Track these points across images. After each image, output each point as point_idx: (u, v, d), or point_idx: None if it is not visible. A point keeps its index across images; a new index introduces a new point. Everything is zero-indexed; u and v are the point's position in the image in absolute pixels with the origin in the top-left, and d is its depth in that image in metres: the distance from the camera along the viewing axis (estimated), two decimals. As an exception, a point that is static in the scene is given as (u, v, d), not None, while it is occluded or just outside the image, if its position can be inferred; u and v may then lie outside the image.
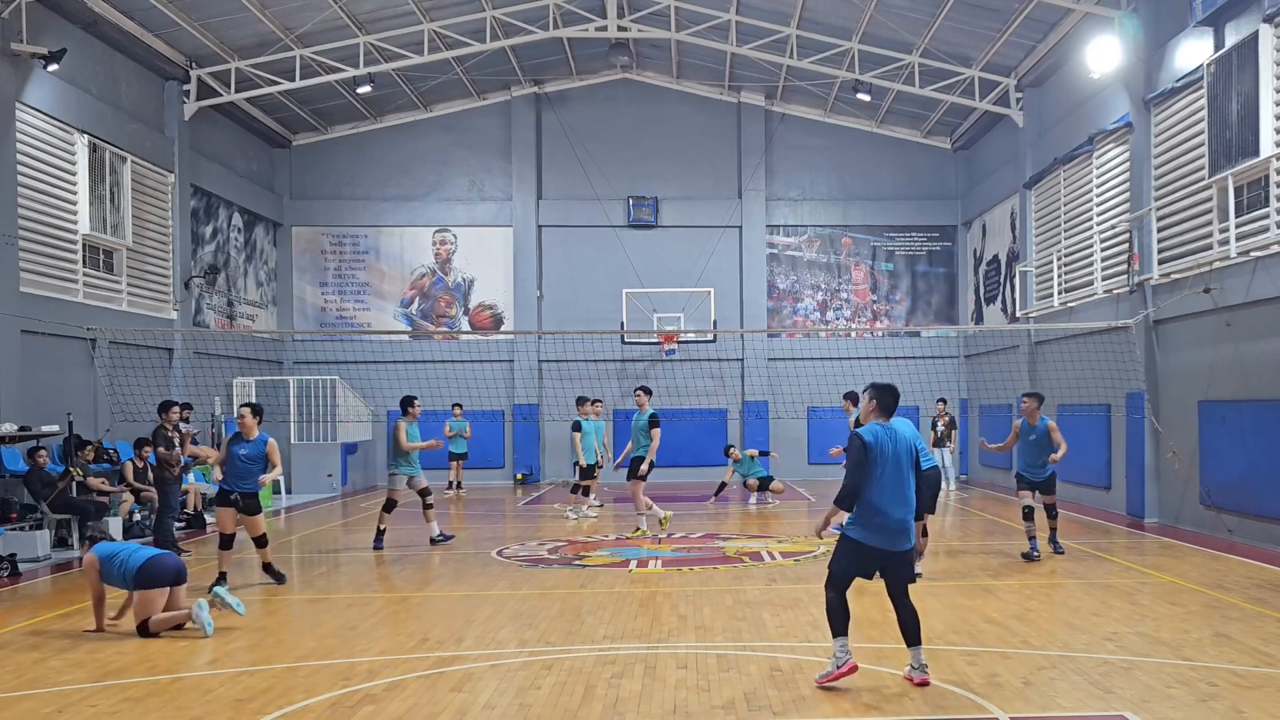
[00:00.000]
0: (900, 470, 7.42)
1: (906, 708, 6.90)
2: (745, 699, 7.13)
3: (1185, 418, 16.15)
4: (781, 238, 28.21)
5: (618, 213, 27.79)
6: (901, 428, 7.58)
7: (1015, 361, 23.05)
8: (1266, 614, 9.70)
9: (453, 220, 28.01)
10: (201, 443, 20.81)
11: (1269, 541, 13.77)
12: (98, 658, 8.65)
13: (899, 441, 7.48)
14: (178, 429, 14.85)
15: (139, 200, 20.11)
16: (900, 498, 7.41)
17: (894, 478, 7.39)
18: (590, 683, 7.61)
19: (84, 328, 17.98)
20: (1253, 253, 14.07)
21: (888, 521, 7.35)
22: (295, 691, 7.48)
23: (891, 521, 7.36)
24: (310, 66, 22.57)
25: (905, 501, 7.43)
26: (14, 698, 7.51)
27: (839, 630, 7.39)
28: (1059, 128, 21.10)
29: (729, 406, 27.08)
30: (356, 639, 9.28)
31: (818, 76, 25.02)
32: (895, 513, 7.37)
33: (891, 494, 7.37)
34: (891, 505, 7.36)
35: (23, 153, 16.72)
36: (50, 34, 17.13)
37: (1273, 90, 13.61)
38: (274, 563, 12.25)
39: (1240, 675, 7.58)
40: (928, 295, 28.29)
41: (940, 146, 28.09)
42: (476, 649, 8.66)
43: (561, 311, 27.53)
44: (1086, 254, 19.68)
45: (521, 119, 27.83)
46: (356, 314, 27.84)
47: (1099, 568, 12.61)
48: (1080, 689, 7.30)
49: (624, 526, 17.15)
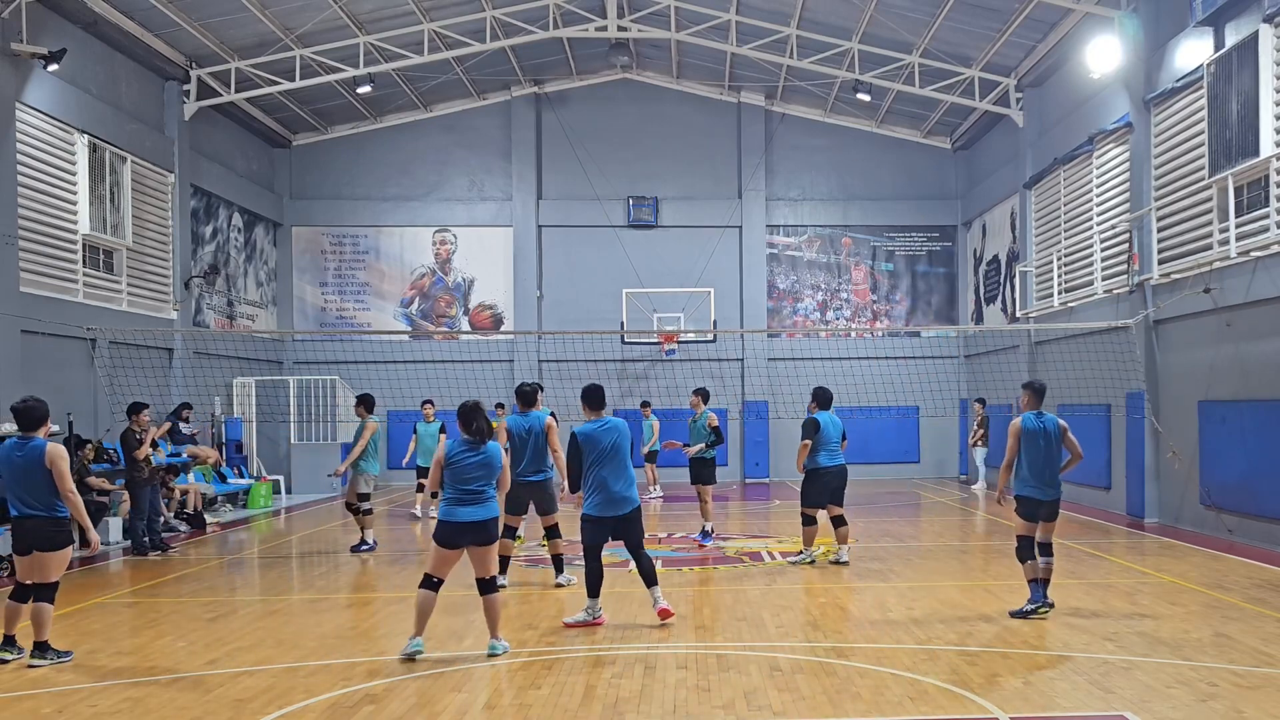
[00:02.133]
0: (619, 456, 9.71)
1: (907, 708, 6.90)
2: (745, 699, 7.13)
3: (1185, 418, 16.15)
4: (781, 238, 28.21)
5: (618, 213, 27.79)
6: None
7: (1015, 361, 23.05)
8: (1266, 614, 9.70)
9: (453, 220, 28.01)
10: (202, 443, 20.84)
11: (1269, 541, 13.77)
12: (98, 658, 8.65)
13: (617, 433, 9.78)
14: (147, 431, 14.89)
15: (139, 200, 20.11)
16: (617, 477, 9.63)
17: (613, 461, 9.63)
18: (590, 683, 7.61)
19: (84, 328, 17.98)
20: (1253, 253, 14.07)
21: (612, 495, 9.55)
22: (295, 691, 7.48)
23: (615, 494, 9.56)
24: (310, 66, 22.57)
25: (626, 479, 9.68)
26: (14, 698, 7.51)
27: (595, 592, 9.58)
28: (1059, 128, 21.10)
29: (729, 406, 27.08)
30: (356, 639, 9.28)
31: (818, 76, 25.03)
32: (616, 486, 9.58)
33: (612, 472, 9.59)
34: (614, 481, 9.59)
35: (23, 153, 16.72)
36: (50, 34, 17.12)
37: (1273, 90, 13.61)
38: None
39: (1240, 675, 7.59)
40: (928, 295, 28.29)
41: (940, 146, 28.09)
42: (476, 649, 8.66)
43: (561, 311, 27.53)
44: (1086, 254, 19.68)
45: (521, 119, 27.83)
46: (356, 314, 27.84)
47: (1099, 568, 12.61)
48: (1080, 689, 7.31)
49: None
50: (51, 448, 8.47)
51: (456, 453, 8.45)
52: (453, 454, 8.45)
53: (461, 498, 8.40)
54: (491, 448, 8.55)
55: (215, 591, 12.00)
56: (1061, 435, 9.97)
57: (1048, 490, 9.83)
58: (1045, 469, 9.84)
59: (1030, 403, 10.06)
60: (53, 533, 8.46)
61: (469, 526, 8.38)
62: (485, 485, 8.46)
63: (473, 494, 8.41)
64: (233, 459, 22.47)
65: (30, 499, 8.44)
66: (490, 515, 8.48)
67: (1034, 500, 9.84)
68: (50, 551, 8.46)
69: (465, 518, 8.37)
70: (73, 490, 8.51)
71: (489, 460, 8.48)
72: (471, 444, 8.49)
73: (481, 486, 8.43)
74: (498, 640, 8.56)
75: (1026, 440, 9.84)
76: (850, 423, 22.16)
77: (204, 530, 17.64)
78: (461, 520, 8.37)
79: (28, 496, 8.45)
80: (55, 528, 8.48)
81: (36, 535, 8.43)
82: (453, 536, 8.40)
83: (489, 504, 8.49)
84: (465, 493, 8.40)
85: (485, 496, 8.47)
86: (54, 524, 8.48)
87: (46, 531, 8.45)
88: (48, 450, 8.44)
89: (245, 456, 23.36)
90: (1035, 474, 9.82)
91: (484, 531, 8.45)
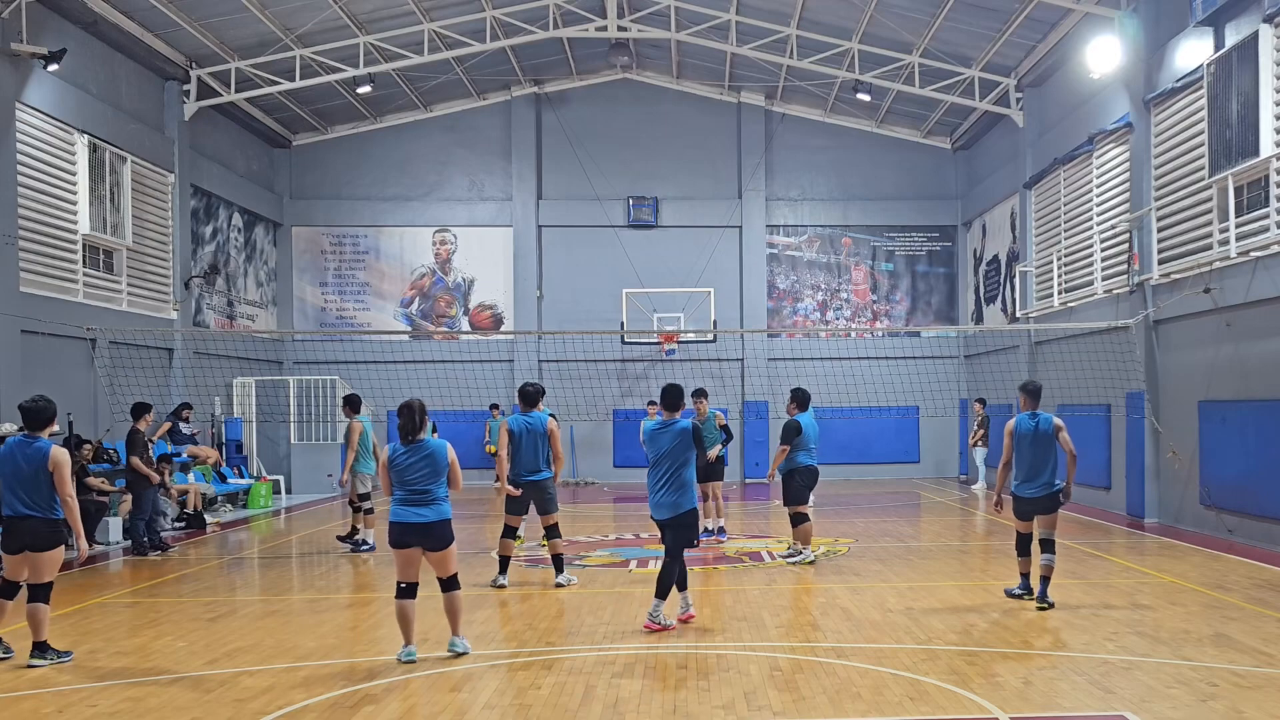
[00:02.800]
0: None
1: (907, 708, 6.91)
2: (745, 699, 7.13)
3: (1185, 418, 16.15)
4: (781, 238, 28.21)
5: (618, 213, 27.79)
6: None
7: (1015, 361, 23.05)
8: (1266, 614, 9.70)
9: (453, 220, 28.01)
10: (202, 443, 20.84)
11: (1269, 541, 13.77)
12: (98, 658, 8.65)
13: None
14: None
15: (139, 200, 20.11)
16: (666, 481, 9.48)
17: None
18: (590, 683, 7.61)
19: (84, 328, 17.98)
20: (1253, 253, 14.07)
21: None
22: (295, 691, 7.48)
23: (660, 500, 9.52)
24: (310, 66, 22.57)
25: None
26: (14, 698, 7.52)
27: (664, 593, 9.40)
28: (1059, 128, 21.10)
29: (729, 406, 27.08)
30: (356, 639, 9.28)
31: (818, 76, 25.02)
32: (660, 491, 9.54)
33: (662, 475, 9.50)
34: (660, 486, 9.53)
35: (23, 153, 16.72)
36: (50, 34, 17.13)
37: (1273, 90, 13.61)
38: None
39: (1240, 675, 7.59)
40: (928, 295, 28.29)
41: (940, 146, 28.09)
42: (476, 649, 8.66)
43: (561, 311, 27.52)
44: (1086, 254, 19.68)
45: (521, 119, 27.83)
46: (356, 314, 27.83)
47: (1099, 568, 12.61)
48: (1080, 689, 7.31)
49: (624, 528, 17.13)
50: (55, 451, 8.49)
51: (395, 454, 8.42)
52: (393, 455, 8.43)
53: (406, 498, 8.36)
54: (434, 446, 8.40)
55: (215, 591, 12.01)
56: (1055, 434, 10.11)
57: (1037, 488, 10.06)
58: (1034, 468, 10.07)
59: (1026, 404, 10.34)
60: (47, 533, 8.46)
61: (413, 528, 8.28)
62: (431, 485, 8.36)
63: (417, 494, 8.32)
64: (233, 459, 22.48)
65: (29, 499, 8.44)
66: (439, 518, 8.32)
67: (1022, 499, 10.19)
68: (44, 551, 8.45)
69: (409, 519, 8.29)
70: (71, 495, 8.54)
71: (431, 459, 8.37)
72: (410, 444, 8.42)
73: (427, 487, 8.35)
74: (458, 639, 8.51)
75: (1017, 440, 10.18)
76: (850, 423, 22.33)
77: (204, 530, 17.64)
78: (405, 521, 8.29)
79: (26, 496, 8.44)
80: (50, 528, 8.48)
81: (31, 535, 8.42)
82: (399, 536, 8.34)
83: (437, 505, 8.34)
84: (410, 493, 8.34)
85: (432, 497, 8.33)
86: (49, 525, 8.48)
87: (41, 532, 8.44)
88: (52, 453, 8.46)
89: (245, 456, 23.36)
90: (1024, 473, 10.13)
91: (429, 535, 8.30)
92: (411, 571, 8.37)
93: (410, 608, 8.33)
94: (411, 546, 8.35)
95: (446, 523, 8.38)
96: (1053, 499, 10.10)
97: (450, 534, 8.42)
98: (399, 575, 8.40)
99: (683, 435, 9.40)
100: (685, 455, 9.39)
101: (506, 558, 11.71)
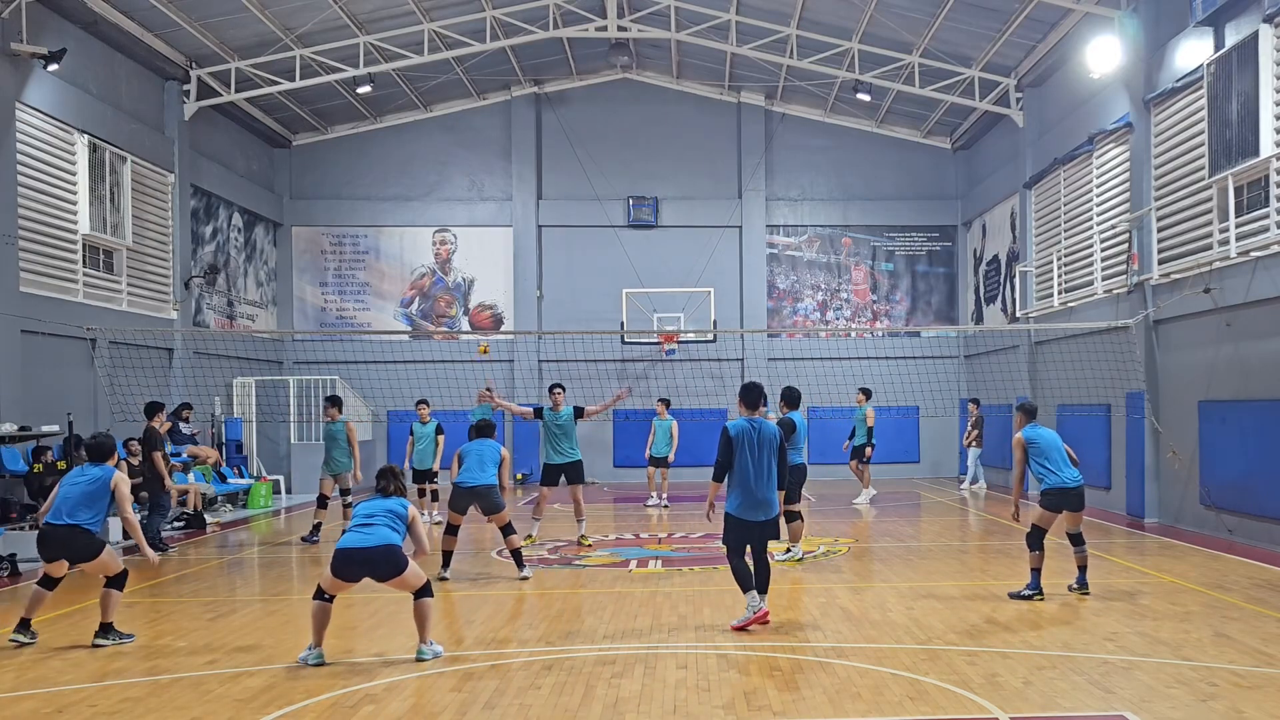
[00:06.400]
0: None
1: (907, 708, 6.91)
2: (745, 699, 7.13)
3: (1185, 418, 16.15)
4: (781, 238, 28.21)
5: (618, 213, 27.79)
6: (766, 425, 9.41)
7: (1015, 361, 23.06)
8: (1266, 614, 9.71)
9: (453, 220, 28.01)
10: (202, 443, 20.84)
11: (1269, 541, 13.78)
12: (98, 658, 8.66)
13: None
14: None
15: (139, 200, 20.11)
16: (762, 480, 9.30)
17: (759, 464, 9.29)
18: (590, 683, 7.61)
19: (84, 328, 17.98)
20: (1253, 253, 14.07)
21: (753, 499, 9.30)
22: (295, 691, 7.48)
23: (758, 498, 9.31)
24: (310, 66, 22.57)
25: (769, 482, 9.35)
26: (14, 698, 7.51)
27: (746, 586, 9.23)
28: (1059, 128, 21.10)
29: (729, 407, 27.07)
30: (356, 639, 9.28)
31: (818, 76, 25.03)
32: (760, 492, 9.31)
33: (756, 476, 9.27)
34: (758, 485, 9.29)
35: (23, 153, 16.72)
36: (50, 34, 17.12)
37: (1273, 90, 13.61)
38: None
39: (1240, 675, 7.59)
40: (928, 295, 28.29)
41: (940, 146, 28.10)
42: (476, 649, 8.66)
43: (561, 311, 27.53)
44: (1086, 254, 19.68)
45: (521, 119, 27.83)
46: (356, 314, 27.84)
47: (1099, 568, 12.58)
48: (1080, 689, 7.31)
49: (623, 527, 17.12)
50: (119, 475, 9.25)
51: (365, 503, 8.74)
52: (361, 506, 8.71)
53: (355, 527, 8.41)
54: (394, 503, 8.57)
55: (215, 591, 12.01)
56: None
57: (1078, 475, 10.82)
58: (1065, 458, 10.80)
59: (1021, 423, 11.08)
60: (84, 544, 9.08)
61: (356, 554, 8.24)
62: (384, 522, 8.43)
63: (364, 525, 8.40)
64: (233, 459, 22.48)
65: (83, 514, 9.06)
66: (383, 542, 8.26)
67: (1069, 490, 10.69)
68: (89, 561, 9.11)
69: (352, 543, 8.28)
70: (131, 515, 9.23)
71: (390, 507, 8.56)
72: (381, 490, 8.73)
73: (375, 520, 8.43)
74: (425, 645, 8.38)
75: (1044, 445, 10.78)
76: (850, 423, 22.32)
77: (204, 530, 17.63)
78: (349, 547, 8.28)
79: (80, 512, 9.06)
80: (87, 539, 9.09)
81: (68, 547, 9.06)
82: (340, 566, 8.30)
83: (379, 531, 8.33)
84: (359, 524, 8.43)
85: (375, 525, 8.36)
86: (86, 536, 9.09)
87: (79, 542, 9.05)
88: (115, 476, 9.22)
89: (245, 456, 23.37)
90: (1059, 463, 10.70)
91: (372, 565, 8.23)
92: (343, 590, 8.54)
93: (326, 611, 8.34)
94: (354, 579, 8.41)
95: (390, 548, 8.30)
96: (1072, 493, 10.70)
97: (398, 560, 8.31)
98: (327, 587, 8.36)
99: (777, 434, 9.51)
100: (777, 453, 9.46)
101: (518, 551, 12.41)
